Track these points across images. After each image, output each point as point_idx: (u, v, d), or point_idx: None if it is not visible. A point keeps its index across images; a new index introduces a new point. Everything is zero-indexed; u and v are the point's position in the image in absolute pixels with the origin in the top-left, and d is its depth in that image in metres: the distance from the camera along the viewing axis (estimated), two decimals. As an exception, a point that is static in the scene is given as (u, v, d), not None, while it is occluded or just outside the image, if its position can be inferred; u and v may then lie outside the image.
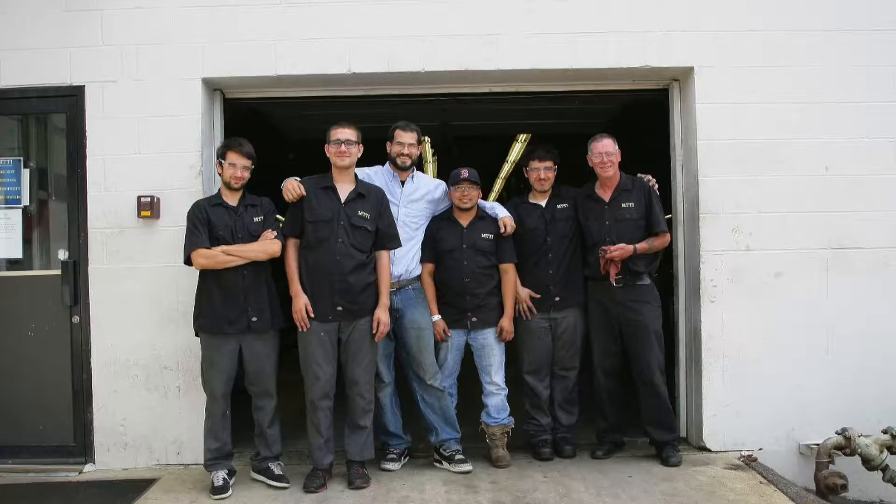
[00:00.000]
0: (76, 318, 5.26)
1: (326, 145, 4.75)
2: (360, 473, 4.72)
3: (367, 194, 4.73)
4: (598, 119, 7.54)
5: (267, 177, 5.33)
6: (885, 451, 5.02)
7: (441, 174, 9.18)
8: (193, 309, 4.71)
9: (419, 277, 5.04)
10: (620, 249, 4.88)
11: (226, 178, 4.67)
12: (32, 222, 5.44)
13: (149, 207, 5.12)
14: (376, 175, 5.06)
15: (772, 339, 5.25)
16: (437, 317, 5.04)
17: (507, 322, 5.07)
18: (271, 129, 8.04)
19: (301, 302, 4.60)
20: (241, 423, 5.00)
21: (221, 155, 4.71)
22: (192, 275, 4.75)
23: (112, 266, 5.21)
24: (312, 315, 4.60)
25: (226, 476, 4.67)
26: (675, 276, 5.61)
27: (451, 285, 5.05)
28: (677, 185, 5.56)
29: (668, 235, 5.11)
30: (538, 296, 5.14)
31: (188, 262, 4.59)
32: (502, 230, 5.04)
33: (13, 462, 5.23)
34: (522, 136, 9.95)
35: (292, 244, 4.71)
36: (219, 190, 4.79)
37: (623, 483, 4.70)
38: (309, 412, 4.69)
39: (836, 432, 5.02)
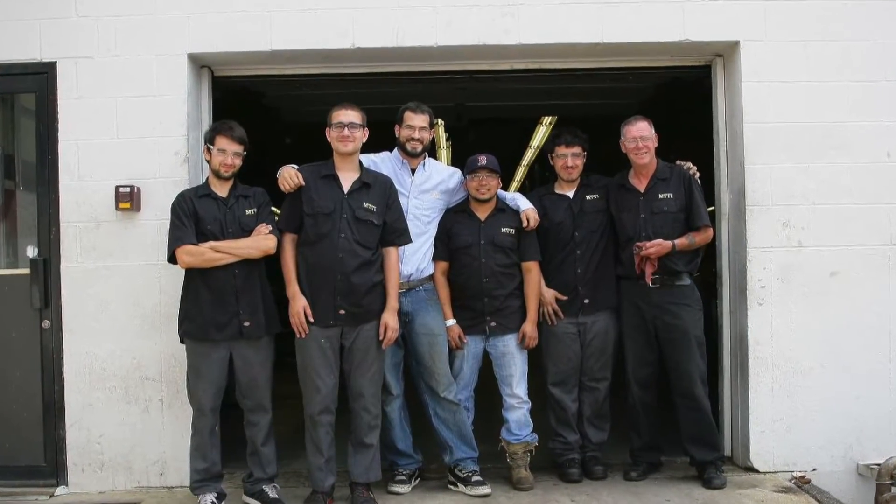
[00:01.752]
0: (46, 323, 5.22)
1: (327, 129, 4.71)
2: (365, 497, 4.69)
3: (373, 184, 4.70)
4: (632, 99, 7.53)
5: (261, 164, 5.29)
6: (955, 473, 4.95)
7: (456, 161, 9.42)
8: (178, 312, 4.69)
9: (431, 277, 5.02)
10: (657, 246, 4.85)
11: (215, 165, 4.64)
12: (-3, 215, 5.45)
13: (128, 199, 5.08)
14: (383, 162, 5.02)
15: (827, 345, 5.22)
16: (451, 321, 5.02)
17: (529, 327, 5.04)
18: (266, 111, 8.03)
19: (299, 305, 4.57)
20: (232, 440, 4.97)
21: (210, 140, 4.67)
22: (177, 274, 4.71)
23: (87, 264, 5.17)
24: (312, 319, 4.57)
25: (214, 500, 4.63)
26: (718, 276, 5.58)
27: (468, 286, 5.01)
28: (721, 173, 5.53)
29: (710, 230, 5.08)
30: (565, 298, 5.11)
31: (172, 259, 4.57)
32: (525, 224, 5.00)
33: (-24, 484, 5.20)
34: (547, 119, 9.90)
35: (289, 240, 4.67)
36: (207, 179, 4.76)
37: (661, 508, 4.68)
38: (308, 428, 4.67)
39: (900, 451, 4.97)
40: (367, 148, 4.84)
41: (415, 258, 4.91)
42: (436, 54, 5.34)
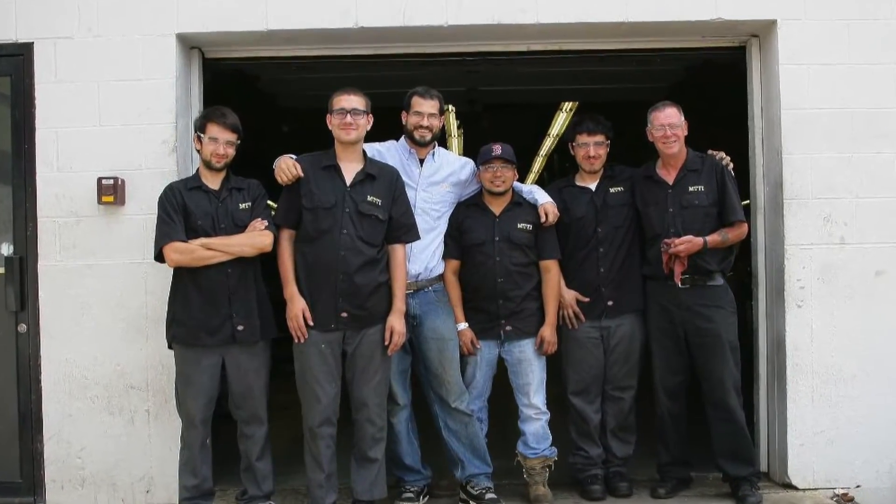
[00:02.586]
0: (23, 327, 5.20)
1: (328, 116, 4.67)
2: (368, 516, 4.77)
3: (378, 175, 4.67)
4: (660, 84, 7.58)
5: (256, 154, 5.27)
6: None
7: (468, 150, 9.69)
8: (166, 315, 4.66)
9: (441, 277, 4.99)
10: (687, 243, 4.80)
11: (206, 155, 4.61)
12: (-32, 210, 5.43)
13: (112, 191, 5.06)
14: (389, 152, 4.99)
15: (872, 351, 5.18)
16: (463, 325, 4.99)
17: (548, 331, 5.00)
18: (261, 96, 8.10)
19: (297, 307, 4.54)
20: (225, 454, 4.96)
21: (200, 128, 4.65)
22: (165, 274, 4.69)
23: (67, 263, 5.15)
24: (311, 323, 4.54)
25: (205, 519, 4.67)
26: (753, 276, 5.57)
27: (481, 286, 4.98)
28: (756, 164, 5.51)
29: (745, 226, 5.04)
30: (587, 299, 5.07)
31: (160, 257, 4.55)
32: (543, 219, 4.97)
33: (-55, 503, 5.20)
34: (567, 105, 9.97)
35: (287, 236, 4.65)
36: (197, 170, 4.75)
37: (691, 528, 4.68)
38: (307, 441, 4.64)
39: (952, 466, 4.97)
40: (371, 136, 4.81)
41: (423, 256, 4.87)
42: (446, 34, 5.31)
